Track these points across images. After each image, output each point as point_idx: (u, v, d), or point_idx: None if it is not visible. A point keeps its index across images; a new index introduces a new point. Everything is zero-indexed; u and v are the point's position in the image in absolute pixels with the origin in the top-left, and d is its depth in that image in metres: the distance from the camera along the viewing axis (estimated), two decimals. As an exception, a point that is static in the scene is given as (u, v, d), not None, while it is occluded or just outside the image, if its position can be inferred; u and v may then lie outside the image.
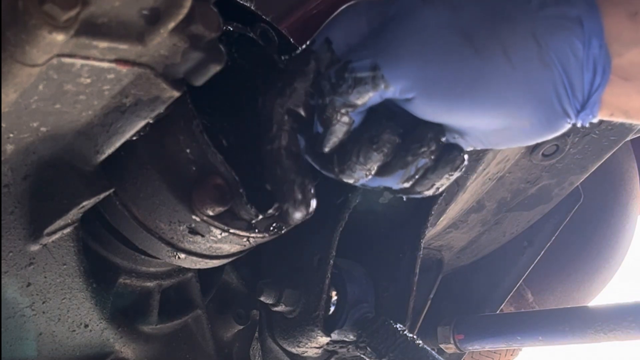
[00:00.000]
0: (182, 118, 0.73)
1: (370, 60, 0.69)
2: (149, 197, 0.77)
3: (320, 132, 0.74)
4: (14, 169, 0.69)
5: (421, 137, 0.74)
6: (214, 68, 0.63)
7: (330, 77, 0.71)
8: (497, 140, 0.73)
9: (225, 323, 1.12)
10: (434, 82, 0.68)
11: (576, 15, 0.65)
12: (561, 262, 1.88)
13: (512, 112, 0.69)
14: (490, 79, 0.67)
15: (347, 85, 0.70)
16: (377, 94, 0.70)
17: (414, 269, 1.10)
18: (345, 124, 0.73)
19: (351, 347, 1.06)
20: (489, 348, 1.61)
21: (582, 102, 0.68)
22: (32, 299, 0.81)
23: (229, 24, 0.87)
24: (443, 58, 0.68)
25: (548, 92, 0.67)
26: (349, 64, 0.70)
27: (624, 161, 1.90)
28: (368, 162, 0.74)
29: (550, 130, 0.71)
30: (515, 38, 0.66)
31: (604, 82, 0.66)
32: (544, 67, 0.66)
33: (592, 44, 0.65)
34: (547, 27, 0.66)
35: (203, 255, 0.86)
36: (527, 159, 1.27)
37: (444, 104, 0.69)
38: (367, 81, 0.69)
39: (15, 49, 0.51)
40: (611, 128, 1.26)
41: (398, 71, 0.68)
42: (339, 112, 0.72)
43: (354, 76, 0.70)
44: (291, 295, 0.99)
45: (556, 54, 0.65)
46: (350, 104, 0.71)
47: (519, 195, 1.40)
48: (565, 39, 0.65)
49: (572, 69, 0.66)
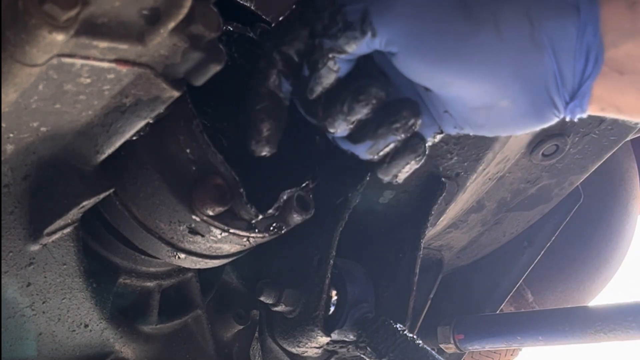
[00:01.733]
0: (182, 118, 0.73)
1: (362, 5, 0.70)
2: (149, 197, 0.77)
3: (307, 75, 0.74)
4: (14, 169, 0.69)
5: (396, 112, 0.74)
6: (214, 68, 0.63)
7: (324, 18, 0.72)
8: (483, 120, 0.73)
9: (225, 323, 1.12)
10: (419, 38, 0.68)
11: (574, 1, 0.64)
12: (561, 262, 1.88)
13: (496, 89, 0.68)
14: (476, 48, 0.66)
15: (337, 28, 0.71)
16: (364, 41, 0.70)
17: (414, 269, 1.10)
18: (332, 71, 0.73)
19: (351, 347, 1.06)
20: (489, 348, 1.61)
21: (571, 92, 0.67)
22: (32, 299, 0.81)
23: (229, 24, 0.87)
24: (432, 16, 0.67)
25: (536, 75, 0.66)
26: (342, 8, 0.71)
27: (624, 161, 1.90)
28: (351, 113, 0.74)
29: (537, 118, 0.70)
30: (508, 12, 0.65)
31: (596, 72, 0.65)
32: (535, 48, 0.65)
33: (587, 31, 0.64)
34: (542, 9, 0.65)
35: (203, 255, 0.86)
36: (527, 159, 1.27)
37: (426, 62, 0.69)
38: (355, 27, 0.70)
39: (15, 49, 0.51)
40: (611, 128, 1.26)
41: (387, 20, 0.69)
42: (326, 56, 0.72)
43: (344, 19, 0.70)
44: (291, 295, 0.99)
45: (548, 37, 0.64)
46: (338, 48, 0.71)
47: (519, 195, 1.40)
48: (559, 23, 0.64)
49: (563, 54, 0.65)
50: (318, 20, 0.72)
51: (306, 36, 0.73)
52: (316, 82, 0.74)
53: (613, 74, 0.65)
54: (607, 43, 0.64)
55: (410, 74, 0.72)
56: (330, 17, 0.71)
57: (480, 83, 0.68)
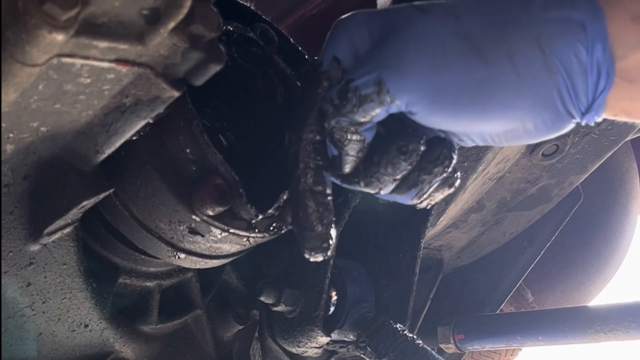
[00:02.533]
0: (182, 118, 0.73)
1: (374, 75, 0.67)
2: (149, 197, 0.77)
3: (336, 154, 0.73)
4: (14, 169, 0.69)
5: (435, 158, 0.74)
6: (214, 68, 0.63)
7: (333, 98, 0.70)
8: (502, 140, 0.73)
9: (225, 323, 1.12)
10: (440, 92, 0.67)
11: (579, 19, 0.65)
12: (561, 262, 1.88)
13: (518, 117, 0.69)
14: (497, 87, 0.67)
15: (351, 104, 0.69)
16: (383, 109, 0.69)
17: (414, 269, 1.10)
18: (358, 142, 0.72)
19: (351, 347, 1.06)
20: (489, 348, 1.61)
21: (586, 105, 0.68)
22: (32, 299, 0.81)
23: (229, 24, 0.87)
24: (449, 67, 0.67)
25: (552, 96, 0.67)
26: (351, 83, 0.69)
27: (624, 161, 1.90)
28: (396, 171, 0.73)
29: (555, 131, 0.71)
30: (520, 44, 0.66)
31: (609, 86, 0.66)
32: (549, 73, 0.66)
33: (596, 47, 0.64)
34: (550, 32, 0.65)
35: (203, 255, 0.86)
36: (527, 159, 1.27)
37: (450, 113, 0.69)
38: (372, 98, 0.68)
39: (15, 49, 0.51)
40: (611, 128, 1.26)
41: (404, 84, 0.67)
42: (349, 132, 0.71)
43: (358, 94, 0.68)
44: (291, 295, 0.99)
45: (560, 60, 0.65)
46: (357, 122, 0.70)
47: (519, 195, 1.40)
48: (568, 43, 0.65)
49: (575, 73, 0.66)
50: (328, 103, 0.70)
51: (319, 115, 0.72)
52: (347, 158, 0.73)
53: (624, 83, 0.66)
54: (616, 56, 0.65)
55: (435, 126, 0.72)
56: (341, 97, 0.69)
57: (502, 117, 0.69)
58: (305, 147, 0.73)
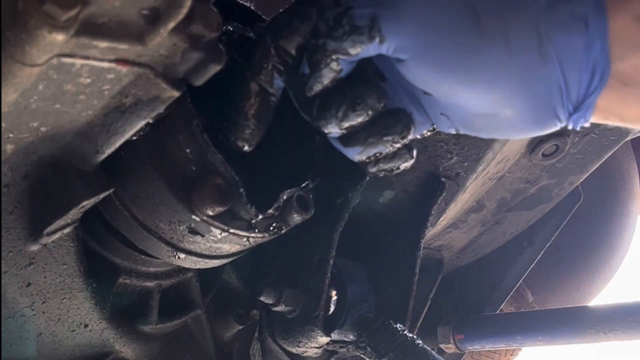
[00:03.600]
0: (182, 118, 0.73)
1: (371, 10, 0.68)
2: (149, 197, 0.77)
3: (306, 73, 0.73)
4: (14, 169, 0.69)
5: (389, 125, 0.75)
6: (214, 68, 0.63)
7: (329, 19, 0.70)
8: (481, 126, 0.73)
9: (225, 323, 1.12)
10: (430, 48, 0.67)
11: (583, 15, 0.64)
12: (561, 262, 1.88)
13: (501, 99, 0.68)
14: (485, 60, 0.66)
15: (342, 30, 0.69)
16: (370, 46, 0.69)
17: (414, 269, 1.10)
18: (333, 71, 0.72)
19: (351, 347, 1.06)
20: (489, 348, 1.61)
21: (575, 104, 0.67)
22: (32, 299, 0.81)
23: (229, 24, 0.87)
24: (444, 27, 0.67)
25: (542, 88, 0.66)
26: (350, 10, 0.69)
27: (624, 161, 1.90)
28: (345, 120, 0.74)
29: (538, 128, 0.71)
30: (518, 25, 0.65)
31: (601, 86, 0.65)
32: (542, 61, 0.65)
33: (595, 45, 0.64)
34: (552, 22, 0.65)
35: (203, 255, 0.86)
36: (527, 159, 1.27)
37: (435, 73, 0.69)
38: (363, 31, 0.69)
39: (15, 48, 0.51)
40: (611, 128, 1.26)
41: (397, 28, 0.68)
42: (329, 57, 0.71)
43: (351, 23, 0.69)
44: (291, 295, 0.99)
45: (556, 50, 0.65)
46: (343, 50, 0.70)
47: (519, 195, 1.40)
48: (568, 37, 0.64)
49: (569, 68, 0.65)
50: (322, 21, 0.71)
51: (306, 31, 0.72)
52: (316, 81, 0.73)
53: (618, 85, 0.65)
54: (614, 56, 0.64)
55: (415, 81, 0.71)
56: (336, 19, 0.70)
57: (485, 94, 0.68)
58: (271, 49, 0.74)
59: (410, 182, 1.14)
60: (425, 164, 1.11)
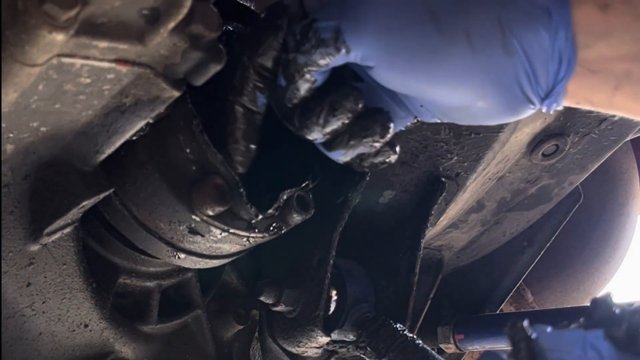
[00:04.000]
0: (182, 118, 0.73)
1: (334, 22, 0.69)
2: (149, 197, 0.77)
3: (283, 85, 0.75)
4: (14, 169, 0.69)
5: (368, 126, 0.76)
6: (214, 68, 0.63)
7: (295, 33, 0.72)
8: (459, 116, 0.74)
9: (225, 323, 1.12)
10: (393, 53, 0.69)
11: (545, 4, 0.64)
12: (561, 262, 1.88)
13: (470, 93, 0.69)
14: (449, 59, 0.67)
15: (310, 44, 0.71)
16: (338, 56, 0.70)
17: (414, 269, 1.10)
18: (308, 82, 0.74)
19: (351, 347, 1.06)
20: (489, 348, 1.61)
21: (546, 91, 0.67)
22: (32, 299, 0.81)
23: (229, 24, 0.87)
24: (405, 31, 0.68)
25: (509, 78, 0.67)
26: (314, 23, 0.70)
27: (623, 161, 1.90)
28: (327, 125, 0.75)
29: (512, 114, 0.71)
30: (480, 22, 0.65)
31: (569, 74, 0.66)
32: (507, 54, 0.65)
33: (559, 34, 0.64)
34: (514, 14, 0.65)
35: (203, 255, 0.86)
36: (527, 159, 1.27)
37: (402, 75, 0.70)
38: (328, 43, 0.70)
39: (15, 48, 0.51)
40: (611, 128, 1.26)
41: (359, 38, 0.69)
42: (302, 70, 0.73)
43: (317, 36, 0.70)
44: (291, 295, 0.99)
45: (520, 43, 0.65)
46: (313, 63, 0.72)
47: (519, 195, 1.40)
48: (531, 28, 0.64)
49: (536, 58, 0.65)
50: (290, 35, 0.73)
51: (279, 43, 0.74)
52: (293, 93, 0.75)
53: (586, 73, 0.66)
54: (579, 44, 0.64)
55: (386, 84, 0.73)
56: (303, 33, 0.71)
57: (454, 90, 0.70)
58: (252, 69, 0.75)
59: (410, 182, 1.14)
60: (425, 164, 1.11)
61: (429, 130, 1.06)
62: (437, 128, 1.07)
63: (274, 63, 0.75)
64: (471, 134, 1.08)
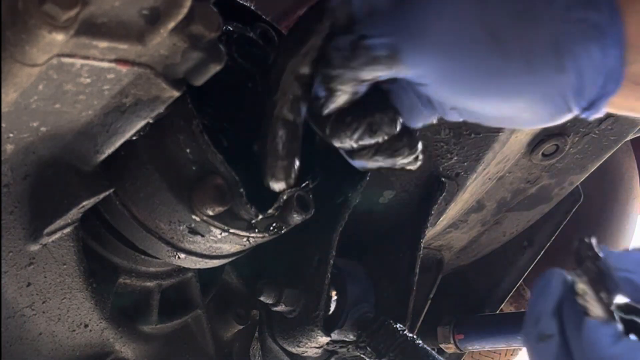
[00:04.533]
0: (182, 118, 0.73)
1: (390, 40, 0.67)
2: (149, 197, 0.77)
3: (321, 96, 0.72)
4: (14, 169, 0.69)
5: (397, 148, 0.76)
6: (214, 68, 0.63)
7: (343, 49, 0.69)
8: (496, 123, 0.75)
9: (225, 323, 1.12)
10: (452, 74, 0.68)
11: (598, 22, 0.64)
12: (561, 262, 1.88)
13: (518, 107, 0.69)
14: (506, 79, 0.67)
15: (359, 62, 0.68)
16: (389, 73, 0.69)
17: (414, 269, 1.10)
18: (350, 94, 0.71)
19: (351, 347, 1.06)
20: (489, 348, 1.61)
21: (589, 102, 0.68)
22: (32, 299, 0.81)
23: (229, 24, 0.87)
24: (465, 52, 0.67)
25: (558, 92, 0.67)
26: (366, 40, 0.67)
27: (624, 161, 1.90)
28: (359, 141, 0.75)
29: (552, 122, 0.72)
30: (538, 42, 0.65)
31: (615, 89, 0.66)
32: (559, 71, 0.66)
33: (610, 52, 0.64)
34: (569, 33, 0.65)
35: (203, 255, 0.86)
36: (527, 159, 1.27)
37: (456, 94, 0.70)
38: (382, 61, 0.67)
39: (15, 48, 0.51)
40: (611, 128, 1.26)
41: (418, 58, 0.67)
42: (347, 84, 0.70)
43: (369, 55, 0.67)
44: (291, 295, 0.99)
45: (574, 61, 0.65)
46: (360, 78, 0.69)
47: (519, 195, 1.40)
48: (585, 45, 0.65)
49: (586, 74, 0.66)
50: (335, 51, 0.69)
51: (318, 46, 0.71)
52: (332, 103, 0.72)
53: (632, 86, 0.67)
54: (629, 59, 0.65)
55: (437, 98, 0.72)
56: (352, 49, 0.68)
57: (503, 104, 0.70)
58: (289, 76, 0.72)
59: (410, 182, 1.14)
60: (425, 164, 1.11)
61: (429, 130, 1.06)
62: (437, 128, 1.07)
63: (311, 68, 0.72)
64: (471, 134, 1.08)
